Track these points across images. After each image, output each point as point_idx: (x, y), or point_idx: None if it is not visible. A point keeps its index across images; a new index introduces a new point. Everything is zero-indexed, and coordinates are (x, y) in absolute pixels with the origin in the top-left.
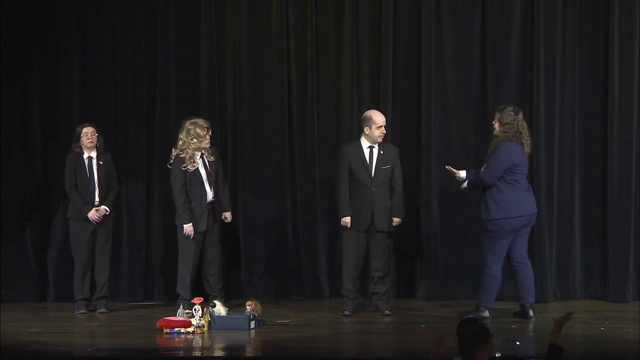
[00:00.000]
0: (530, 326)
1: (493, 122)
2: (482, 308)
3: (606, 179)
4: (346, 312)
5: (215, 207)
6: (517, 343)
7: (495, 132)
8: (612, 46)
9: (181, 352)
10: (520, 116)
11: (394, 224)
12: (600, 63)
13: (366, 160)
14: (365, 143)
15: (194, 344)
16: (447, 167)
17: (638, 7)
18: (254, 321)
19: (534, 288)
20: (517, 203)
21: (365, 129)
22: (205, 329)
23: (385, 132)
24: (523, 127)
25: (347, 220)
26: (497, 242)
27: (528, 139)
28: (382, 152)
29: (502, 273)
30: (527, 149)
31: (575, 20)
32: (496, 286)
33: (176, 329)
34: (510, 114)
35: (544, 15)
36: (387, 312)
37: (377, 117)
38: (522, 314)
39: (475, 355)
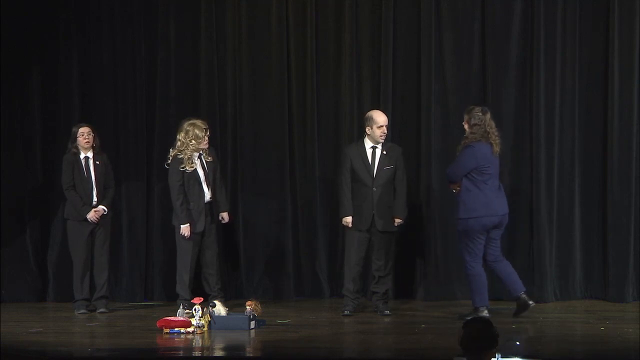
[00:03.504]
0: (529, 325)
1: (463, 123)
2: (480, 308)
3: (606, 179)
4: (346, 312)
5: (213, 208)
6: (517, 343)
7: (465, 133)
8: (612, 46)
9: (181, 352)
10: (488, 116)
11: (395, 224)
12: (600, 63)
13: (368, 161)
14: (368, 143)
15: (194, 344)
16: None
17: (638, 7)
18: (254, 321)
19: (518, 277)
20: (485, 203)
21: (367, 129)
22: (205, 329)
23: (386, 132)
24: (491, 126)
25: (348, 220)
26: (471, 241)
27: (497, 138)
28: (385, 152)
29: (484, 270)
30: (497, 148)
31: (575, 20)
32: (483, 284)
33: (176, 329)
34: (478, 114)
35: (544, 16)
36: (387, 312)
37: (379, 117)
38: (522, 306)
39: (485, 356)
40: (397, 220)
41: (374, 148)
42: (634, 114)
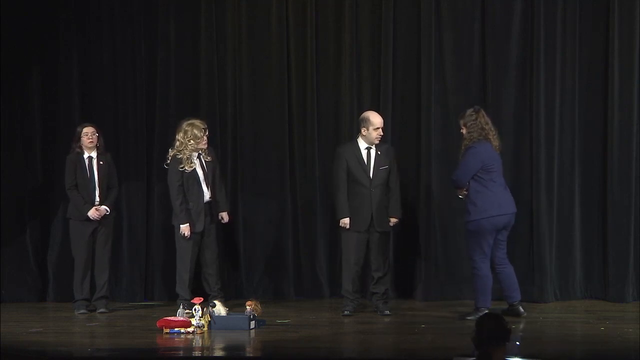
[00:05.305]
0: (529, 325)
1: (460, 130)
2: (482, 309)
3: (606, 179)
4: (346, 312)
5: (212, 208)
6: (517, 343)
7: (463, 137)
8: (612, 46)
9: (181, 352)
10: (482, 114)
11: (390, 224)
12: (600, 63)
13: (364, 161)
14: (362, 144)
15: (194, 344)
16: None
17: (638, 7)
18: (254, 321)
19: (517, 286)
20: (497, 202)
21: (362, 130)
22: (205, 329)
23: (382, 133)
24: (487, 123)
25: (346, 221)
26: (482, 242)
27: (494, 134)
28: (379, 152)
29: (491, 271)
30: (496, 143)
31: (575, 20)
32: (489, 285)
33: (176, 329)
34: (471, 115)
35: (544, 16)
36: (387, 312)
37: (375, 119)
38: (513, 313)
39: (495, 353)
40: (393, 220)
41: (368, 149)
42: (634, 114)
